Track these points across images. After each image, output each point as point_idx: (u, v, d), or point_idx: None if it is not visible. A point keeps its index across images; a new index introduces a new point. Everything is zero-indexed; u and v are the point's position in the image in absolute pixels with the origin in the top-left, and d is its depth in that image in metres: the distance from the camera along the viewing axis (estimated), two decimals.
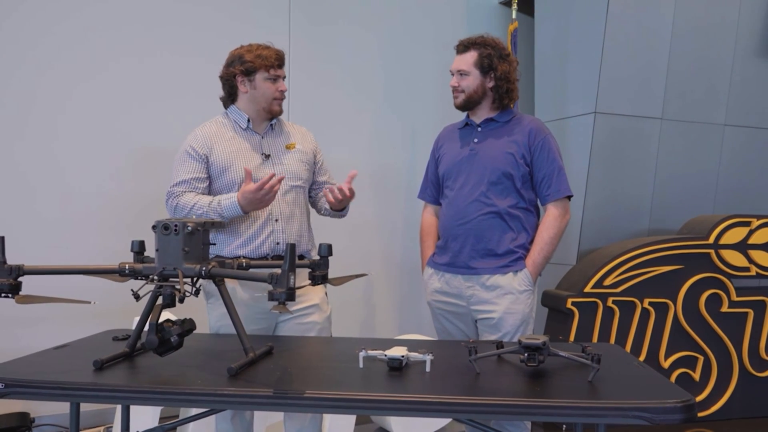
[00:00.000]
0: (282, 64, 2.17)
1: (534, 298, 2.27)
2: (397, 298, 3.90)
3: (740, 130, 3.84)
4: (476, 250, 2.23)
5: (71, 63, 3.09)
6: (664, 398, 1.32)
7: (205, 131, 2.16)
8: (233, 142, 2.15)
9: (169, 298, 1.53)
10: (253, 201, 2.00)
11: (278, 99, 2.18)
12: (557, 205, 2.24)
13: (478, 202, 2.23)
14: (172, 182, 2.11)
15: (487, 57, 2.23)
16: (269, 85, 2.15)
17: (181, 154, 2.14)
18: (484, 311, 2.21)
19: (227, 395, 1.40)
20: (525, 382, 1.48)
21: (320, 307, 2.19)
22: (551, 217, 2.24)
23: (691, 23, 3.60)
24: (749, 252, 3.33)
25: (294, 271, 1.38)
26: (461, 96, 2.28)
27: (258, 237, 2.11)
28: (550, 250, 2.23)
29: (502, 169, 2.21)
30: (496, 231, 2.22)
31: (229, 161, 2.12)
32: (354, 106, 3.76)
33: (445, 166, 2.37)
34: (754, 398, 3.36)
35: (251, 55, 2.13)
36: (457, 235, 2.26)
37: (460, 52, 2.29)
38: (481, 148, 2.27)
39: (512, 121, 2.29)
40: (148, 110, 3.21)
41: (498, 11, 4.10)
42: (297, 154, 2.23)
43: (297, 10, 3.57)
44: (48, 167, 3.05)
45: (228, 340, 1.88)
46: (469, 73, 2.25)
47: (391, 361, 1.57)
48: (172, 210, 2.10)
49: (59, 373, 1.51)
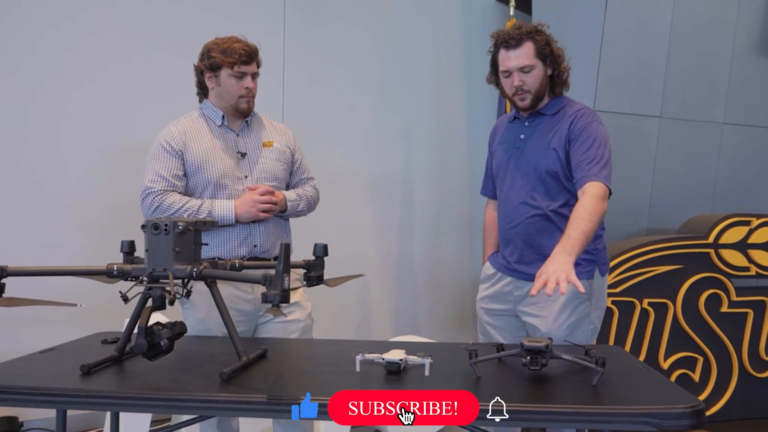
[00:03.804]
0: (250, 61, 2.06)
1: (593, 299, 2.04)
2: (393, 299, 3.86)
3: (739, 129, 3.81)
4: (525, 254, 2.09)
5: (63, 66, 3.02)
6: (672, 403, 1.27)
7: (179, 127, 2.08)
8: (208, 140, 2.07)
9: (159, 300, 1.48)
10: (251, 210, 1.99)
11: (244, 97, 2.07)
12: (597, 186, 1.90)
13: (525, 204, 2.07)
14: (147, 178, 2.01)
15: (545, 44, 2.01)
16: (233, 82, 2.05)
17: (156, 150, 2.05)
18: (531, 314, 2.09)
19: (219, 401, 1.35)
20: (527, 387, 1.43)
21: (300, 305, 2.13)
22: (588, 195, 1.88)
23: (690, 21, 3.56)
24: (749, 251, 3.29)
25: (288, 272, 1.33)
26: (528, 96, 2.04)
27: (235, 239, 2.05)
28: (590, 226, 1.82)
29: (546, 168, 2.02)
30: (545, 234, 2.03)
31: (204, 158, 2.04)
32: (349, 105, 3.72)
33: (495, 163, 2.23)
34: (754, 399, 3.33)
35: (217, 50, 2.04)
36: (508, 239, 2.14)
37: (512, 46, 2.01)
38: (527, 146, 2.09)
39: (560, 113, 2.07)
40: (140, 111, 3.14)
41: (495, 8, 4.07)
42: (274, 152, 2.15)
43: (292, 9, 3.51)
44: (38, 167, 3.00)
45: (220, 343, 1.83)
46: (534, 66, 2.01)
47: (388, 364, 1.53)
48: (150, 210, 2.00)
49: (45, 379, 1.45)
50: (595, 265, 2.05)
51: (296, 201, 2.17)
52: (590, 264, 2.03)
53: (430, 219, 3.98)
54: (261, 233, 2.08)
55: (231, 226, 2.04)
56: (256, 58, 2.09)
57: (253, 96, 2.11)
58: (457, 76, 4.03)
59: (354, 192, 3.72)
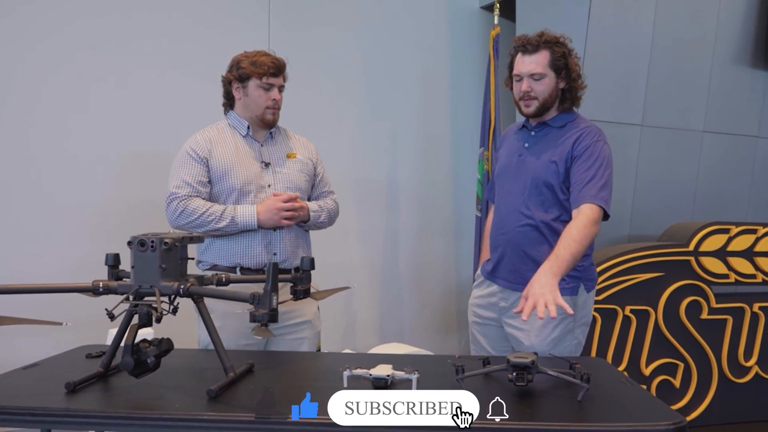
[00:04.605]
0: (278, 73, 2.14)
1: (576, 316, 2.04)
2: (379, 306, 3.86)
3: (718, 137, 3.87)
4: (511, 261, 2.10)
5: (56, 76, 2.99)
6: (656, 420, 1.29)
7: (205, 135, 2.15)
8: (233, 148, 2.13)
9: (145, 317, 1.47)
10: (274, 218, 2.03)
11: (270, 108, 2.14)
12: (592, 209, 1.93)
13: (518, 212, 2.08)
14: (172, 184, 2.06)
15: (561, 56, 2.02)
16: (261, 93, 2.12)
17: (182, 156, 2.11)
18: (514, 327, 2.09)
19: (207, 420, 1.34)
20: (514, 403, 1.44)
21: (312, 323, 2.20)
22: (583, 216, 1.91)
23: (671, 31, 3.62)
24: (728, 259, 3.35)
25: (276, 291, 1.33)
26: (534, 103, 2.05)
27: (256, 246, 2.09)
28: (579, 249, 1.85)
29: (543, 179, 2.03)
30: (534, 244, 2.04)
31: (229, 166, 2.10)
32: (335, 112, 3.71)
33: (498, 169, 2.25)
34: (734, 404, 3.38)
35: (246, 62, 2.11)
36: (497, 244, 2.16)
37: (529, 52, 2.03)
38: (529, 155, 2.10)
39: (567, 126, 2.07)
40: (125, 122, 3.11)
41: (480, 16, 4.09)
42: (297, 164, 2.21)
43: (276, 18, 3.50)
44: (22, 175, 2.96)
45: (206, 357, 1.82)
46: (544, 75, 2.02)
47: (375, 380, 1.53)
48: (175, 214, 2.05)
49: (29, 397, 1.43)
50: (580, 282, 2.06)
51: (318, 212, 2.22)
52: (575, 281, 2.05)
53: (416, 225, 3.99)
54: (282, 243, 2.13)
55: (253, 234, 2.09)
56: (283, 71, 2.17)
57: (279, 108, 2.18)
58: (442, 83, 4.05)
59: (339, 198, 3.71)
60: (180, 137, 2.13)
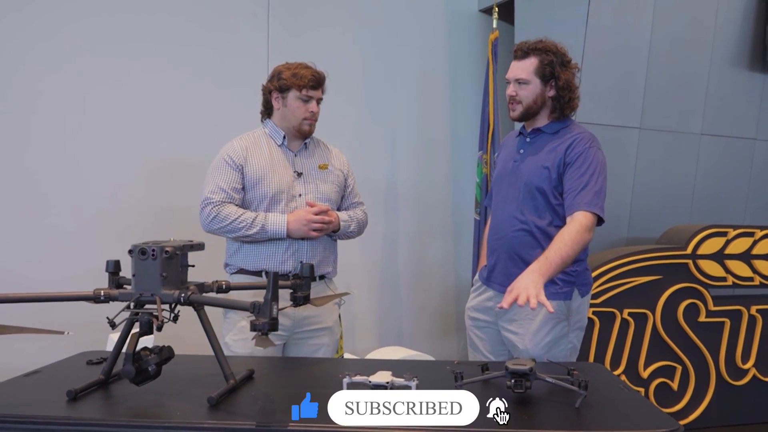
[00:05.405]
0: (318, 86, 2.20)
1: (570, 320, 2.06)
2: (377, 309, 3.87)
3: (716, 139, 3.89)
4: (506, 266, 2.11)
5: (57, 79, 2.99)
6: (653, 427, 1.31)
7: (242, 143, 2.21)
8: (267, 156, 2.19)
9: (146, 325, 1.48)
10: (303, 228, 2.09)
11: (308, 119, 2.20)
12: (586, 216, 1.95)
13: (513, 217, 2.10)
14: (207, 189, 2.13)
15: (549, 64, 2.04)
16: (300, 104, 2.18)
17: (218, 162, 2.17)
18: (509, 331, 2.11)
19: (208, 428, 1.35)
20: (512, 410, 1.45)
21: (332, 330, 2.25)
22: (576, 223, 1.94)
23: (669, 34, 3.63)
24: (726, 262, 3.36)
25: (277, 300, 1.34)
26: (518, 108, 2.10)
27: (283, 253, 2.14)
28: (569, 253, 1.88)
29: (536, 184, 2.05)
30: (528, 249, 2.05)
31: (263, 173, 2.16)
32: (334, 113, 3.70)
33: (495, 174, 2.29)
34: (731, 406, 3.40)
35: (288, 73, 2.18)
36: (493, 249, 2.18)
37: (518, 57, 2.09)
38: (523, 161, 2.13)
39: (560, 132, 2.09)
40: (125, 123, 3.11)
41: (479, 19, 4.10)
42: (329, 175, 2.27)
43: (275, 19, 3.51)
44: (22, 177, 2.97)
45: (206, 363, 1.83)
46: (528, 82, 2.06)
47: (375, 387, 1.54)
48: (208, 219, 2.11)
49: (30, 406, 1.44)
50: (574, 286, 2.07)
51: (348, 222, 2.27)
52: (568, 285, 2.06)
53: (415, 228, 4.00)
54: (308, 251, 2.17)
55: (280, 240, 2.14)
56: (323, 84, 2.24)
57: (316, 120, 2.24)
58: (441, 86, 4.06)
59: None
60: (181, 138, 2.14)
